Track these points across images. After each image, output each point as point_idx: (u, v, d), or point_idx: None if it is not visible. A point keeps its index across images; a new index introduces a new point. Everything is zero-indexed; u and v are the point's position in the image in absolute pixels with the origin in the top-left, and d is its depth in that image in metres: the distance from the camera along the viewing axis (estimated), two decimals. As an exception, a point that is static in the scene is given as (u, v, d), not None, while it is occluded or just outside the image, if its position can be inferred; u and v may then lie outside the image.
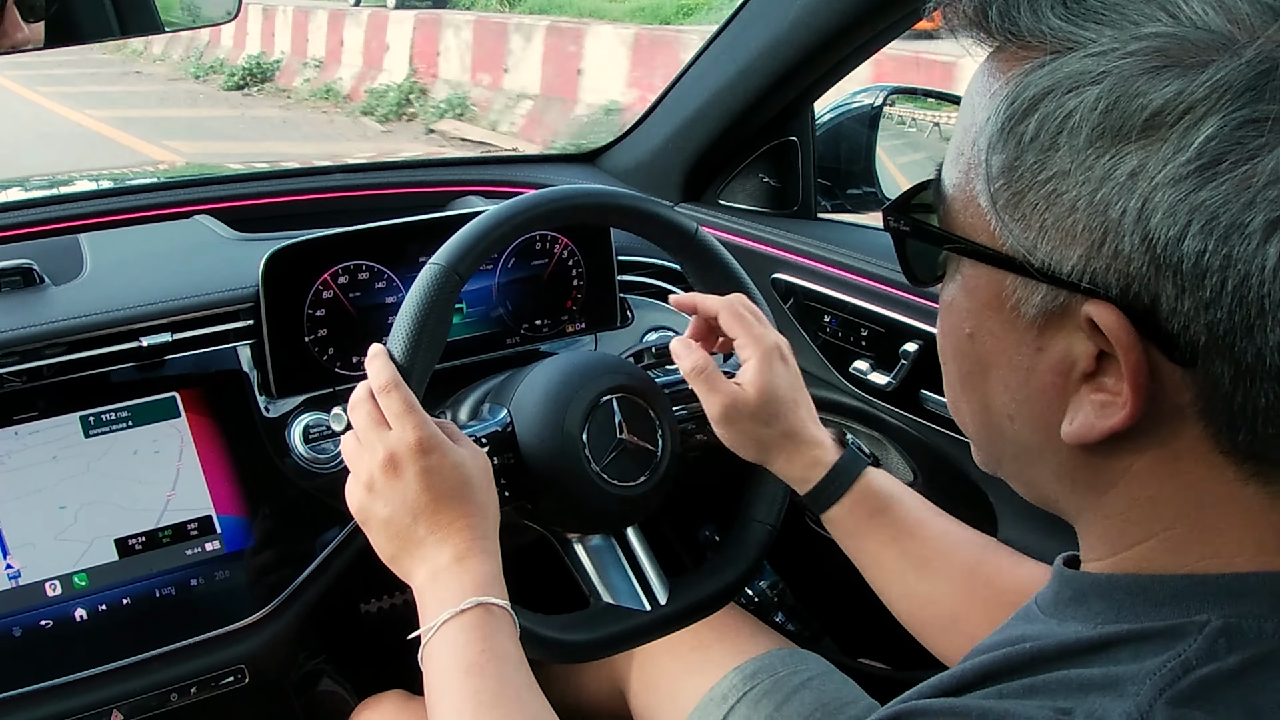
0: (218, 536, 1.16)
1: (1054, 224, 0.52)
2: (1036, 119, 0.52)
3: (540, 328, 1.40)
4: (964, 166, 0.57)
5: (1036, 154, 0.52)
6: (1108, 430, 0.53)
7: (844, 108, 1.64)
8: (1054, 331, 0.54)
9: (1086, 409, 0.54)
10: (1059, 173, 0.51)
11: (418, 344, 0.96)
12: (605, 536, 1.12)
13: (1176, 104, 0.48)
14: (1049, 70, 0.51)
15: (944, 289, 0.63)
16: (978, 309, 0.58)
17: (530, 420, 1.07)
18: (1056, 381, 0.55)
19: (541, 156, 1.90)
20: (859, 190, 1.64)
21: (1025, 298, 0.55)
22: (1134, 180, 0.49)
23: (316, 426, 1.23)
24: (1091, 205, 0.50)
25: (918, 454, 1.40)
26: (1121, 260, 0.50)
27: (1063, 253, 0.52)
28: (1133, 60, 0.49)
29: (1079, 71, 0.50)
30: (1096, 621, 0.57)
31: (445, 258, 1.00)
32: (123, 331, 1.16)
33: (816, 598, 1.71)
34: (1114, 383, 0.53)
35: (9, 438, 1.10)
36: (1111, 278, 0.50)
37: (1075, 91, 0.50)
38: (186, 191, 1.48)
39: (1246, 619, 0.52)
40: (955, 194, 0.58)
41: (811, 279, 1.44)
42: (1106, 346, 0.52)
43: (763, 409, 1.00)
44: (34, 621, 1.07)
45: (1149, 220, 0.48)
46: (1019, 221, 0.53)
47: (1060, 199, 0.51)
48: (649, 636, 1.10)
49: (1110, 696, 0.51)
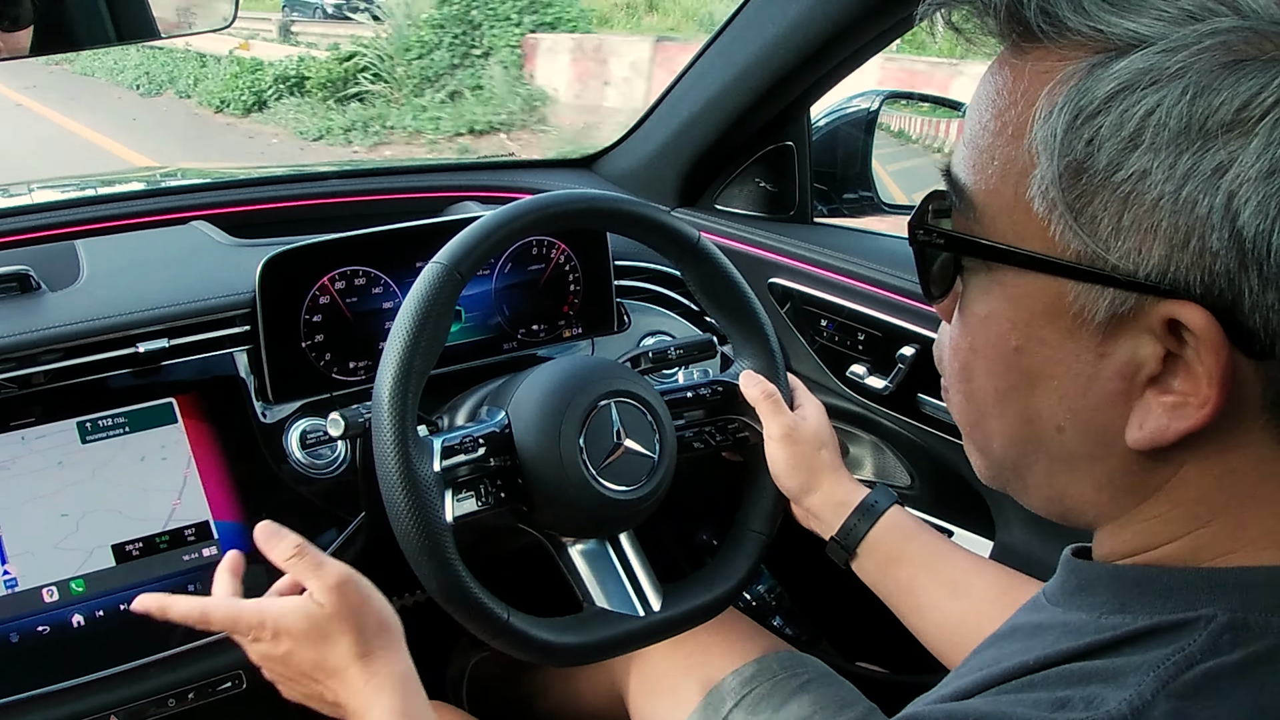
0: (215, 542, 1.16)
1: (1132, 225, 0.50)
2: (1112, 117, 0.50)
3: (537, 332, 1.40)
4: (1002, 171, 0.55)
5: (1111, 154, 0.50)
6: (1183, 432, 0.52)
7: (840, 112, 1.64)
8: (1119, 335, 0.53)
9: (1157, 412, 0.53)
10: (1139, 172, 0.49)
11: (417, 342, 0.97)
12: (600, 541, 1.12)
13: (1262, 99, 0.47)
14: (1121, 67, 0.50)
15: (972, 304, 0.60)
16: (1027, 319, 0.56)
17: (528, 423, 1.07)
18: (1121, 386, 0.54)
19: (538, 162, 1.90)
20: (855, 195, 1.65)
21: (1090, 303, 0.53)
22: (1220, 175, 0.48)
23: (313, 432, 1.23)
24: (1177, 203, 0.49)
25: (915, 458, 1.40)
26: (1208, 257, 0.49)
27: (1141, 254, 0.50)
28: (1209, 55, 0.48)
29: (1155, 67, 0.49)
30: (1101, 611, 0.57)
31: (447, 257, 1.00)
32: (119, 337, 1.16)
33: (814, 601, 1.71)
34: (1181, 383, 0.52)
35: (5, 444, 1.10)
36: (1194, 276, 0.49)
37: (1154, 87, 0.49)
38: (183, 197, 1.48)
39: (1253, 613, 0.52)
40: (991, 200, 0.56)
41: (808, 283, 1.44)
42: (1174, 347, 0.51)
43: (817, 436, 1.16)
44: (31, 627, 1.07)
45: (1238, 215, 0.48)
46: (1087, 224, 0.51)
47: (1140, 198, 0.50)
48: (641, 643, 1.10)
49: (1110, 687, 0.51)
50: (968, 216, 0.58)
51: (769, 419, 1.16)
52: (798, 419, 1.17)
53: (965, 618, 1.01)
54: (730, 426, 1.24)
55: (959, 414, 0.65)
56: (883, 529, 1.09)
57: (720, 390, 1.22)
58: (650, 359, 1.26)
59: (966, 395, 0.63)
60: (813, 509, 1.14)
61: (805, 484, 1.14)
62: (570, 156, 1.85)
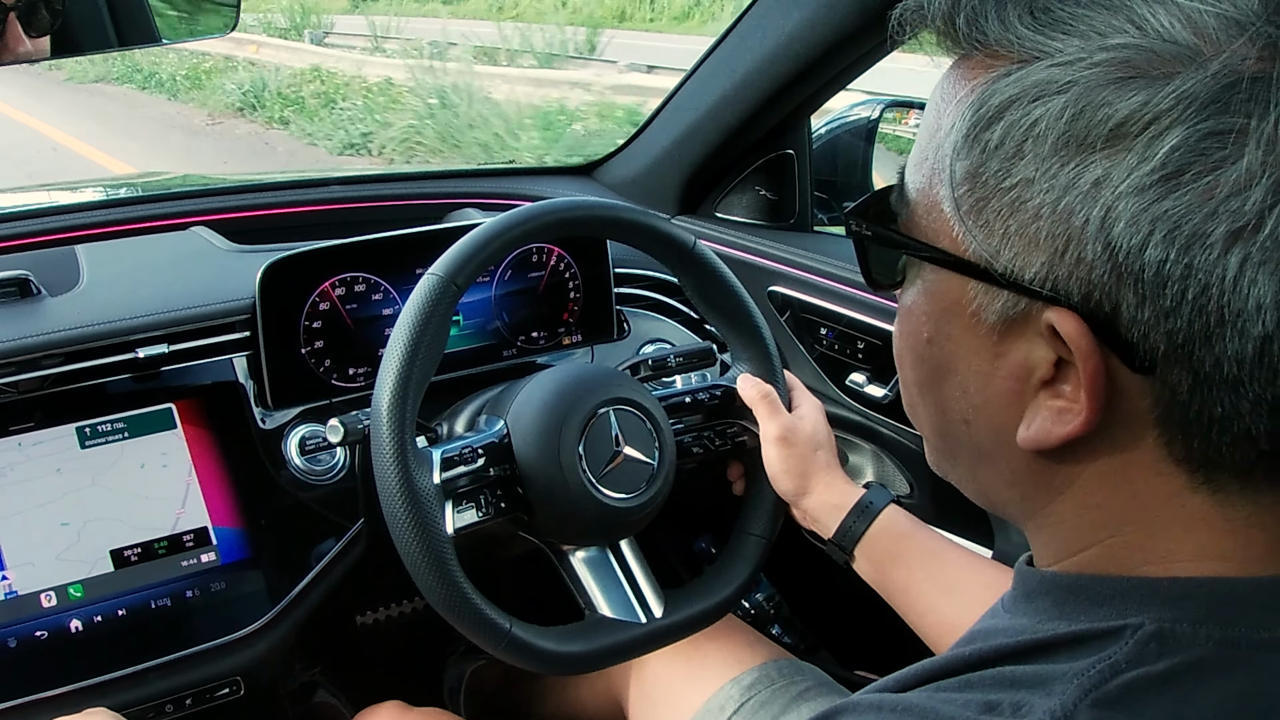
0: (214, 548, 1.16)
1: (1017, 231, 0.52)
2: (1002, 126, 0.52)
3: (537, 340, 1.40)
4: (927, 172, 0.57)
5: (1001, 161, 0.52)
6: (1064, 437, 0.53)
7: (840, 120, 1.65)
8: (1014, 338, 0.55)
9: (1044, 415, 0.54)
10: (1023, 180, 0.51)
11: (415, 353, 0.97)
12: (600, 549, 1.12)
13: (1142, 114, 0.48)
14: (1015, 79, 0.51)
15: (903, 293, 0.63)
16: (937, 314, 0.59)
17: (527, 431, 1.07)
18: (1014, 387, 0.55)
19: (539, 169, 1.90)
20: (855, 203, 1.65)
21: (986, 304, 0.55)
22: (1097, 189, 0.49)
23: (313, 438, 1.23)
24: (1055, 213, 0.50)
25: (915, 467, 1.40)
26: (1083, 268, 0.50)
27: (1025, 259, 0.52)
28: (1099, 70, 0.49)
29: (1045, 80, 0.50)
30: (1041, 618, 0.57)
31: (444, 268, 1.00)
32: (119, 343, 1.16)
33: (813, 610, 1.71)
34: (1072, 390, 0.53)
35: (4, 449, 1.10)
36: (1073, 285, 0.51)
37: (1041, 100, 0.50)
38: (183, 203, 1.48)
39: (1180, 624, 0.52)
40: (918, 199, 0.58)
41: (808, 292, 1.44)
42: (1065, 354, 0.52)
43: (813, 438, 1.17)
44: (29, 633, 1.07)
45: (1112, 229, 0.49)
46: (982, 228, 0.53)
47: (1024, 206, 0.51)
48: (643, 649, 1.10)
49: (1038, 694, 0.51)
50: (902, 213, 0.61)
51: (765, 420, 1.16)
52: (795, 420, 1.17)
53: (962, 616, 1.01)
54: (729, 431, 1.24)
55: (904, 402, 0.68)
56: (879, 529, 1.10)
57: (718, 395, 1.22)
58: (650, 367, 1.26)
59: (901, 383, 0.67)
60: (809, 511, 1.14)
61: (801, 486, 1.14)
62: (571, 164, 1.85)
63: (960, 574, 1.06)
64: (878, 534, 1.10)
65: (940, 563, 1.08)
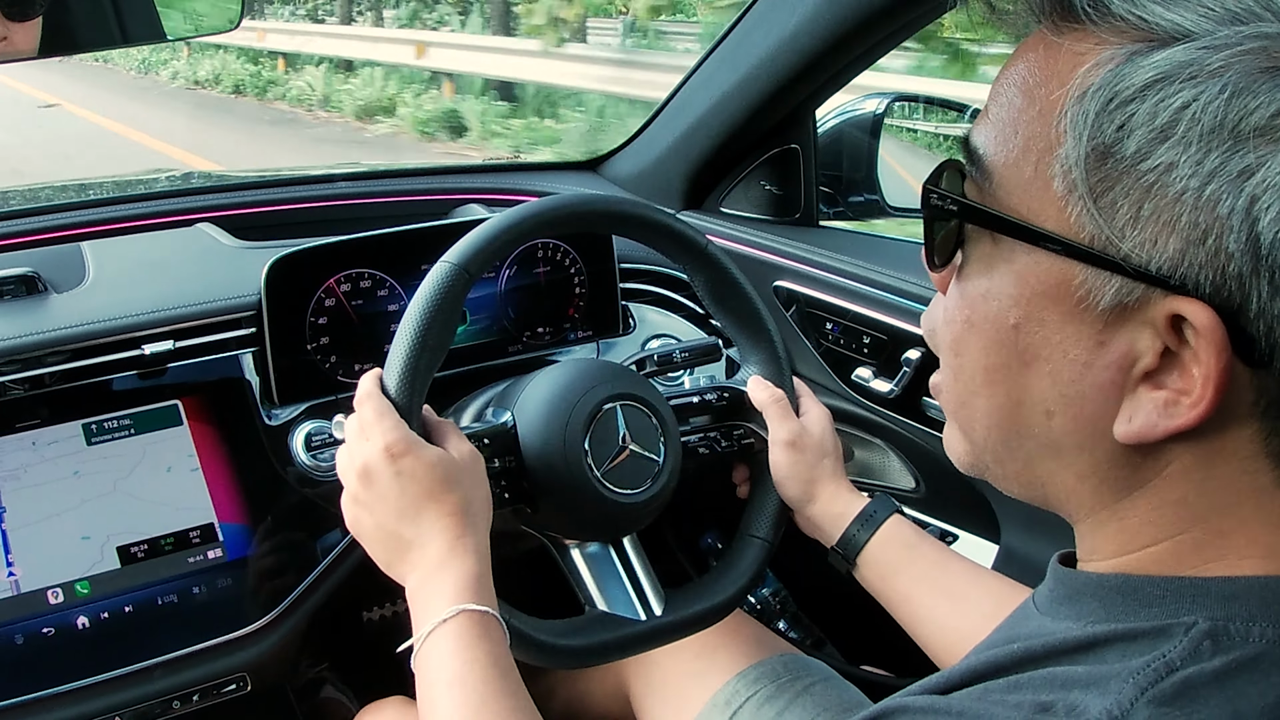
0: (220, 544, 1.16)
1: (1151, 215, 0.50)
2: (1147, 106, 0.50)
3: (543, 335, 1.40)
4: (1024, 145, 0.55)
5: (1140, 142, 0.50)
6: (1172, 430, 0.52)
7: (846, 115, 1.64)
8: (1120, 325, 0.53)
9: (1148, 407, 0.53)
10: (1166, 164, 0.49)
11: (424, 341, 0.97)
12: (603, 545, 1.12)
13: None
14: (1161, 58, 0.50)
15: (974, 277, 0.60)
16: (1030, 297, 0.56)
17: (533, 424, 1.07)
18: (1115, 378, 0.54)
19: (543, 164, 1.90)
20: (861, 198, 1.64)
21: (1096, 289, 0.52)
22: (1246, 178, 0.48)
23: (319, 434, 1.23)
24: (1200, 200, 0.49)
25: (920, 462, 1.40)
26: (1222, 257, 0.49)
27: (1156, 246, 0.50)
28: (1250, 58, 0.48)
29: (1195, 62, 0.49)
30: (1088, 620, 0.57)
31: (457, 256, 1.00)
32: (125, 339, 1.16)
33: (819, 605, 1.71)
34: (1175, 380, 0.52)
35: (11, 445, 1.10)
36: (1205, 274, 0.49)
37: (1193, 82, 0.49)
38: (188, 200, 1.48)
39: (1234, 622, 0.52)
40: (1011, 174, 0.56)
41: (814, 286, 1.44)
42: (1174, 344, 0.51)
43: (821, 445, 1.16)
44: (36, 629, 1.07)
45: (1258, 220, 0.48)
46: (1106, 209, 0.51)
47: (1163, 190, 0.50)
48: (641, 647, 1.10)
49: (1093, 693, 0.50)
50: (982, 188, 0.58)
51: (775, 424, 1.15)
52: (803, 426, 1.16)
53: (963, 627, 1.01)
54: (736, 433, 1.23)
55: (946, 393, 0.65)
56: (882, 540, 1.09)
57: (727, 396, 1.22)
58: (656, 362, 1.26)
59: (955, 371, 0.63)
60: (813, 518, 1.14)
61: (806, 493, 1.14)
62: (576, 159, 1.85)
63: (963, 585, 1.05)
64: (880, 545, 1.09)
65: (944, 574, 1.06)
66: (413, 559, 0.91)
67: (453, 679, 0.84)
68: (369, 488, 0.92)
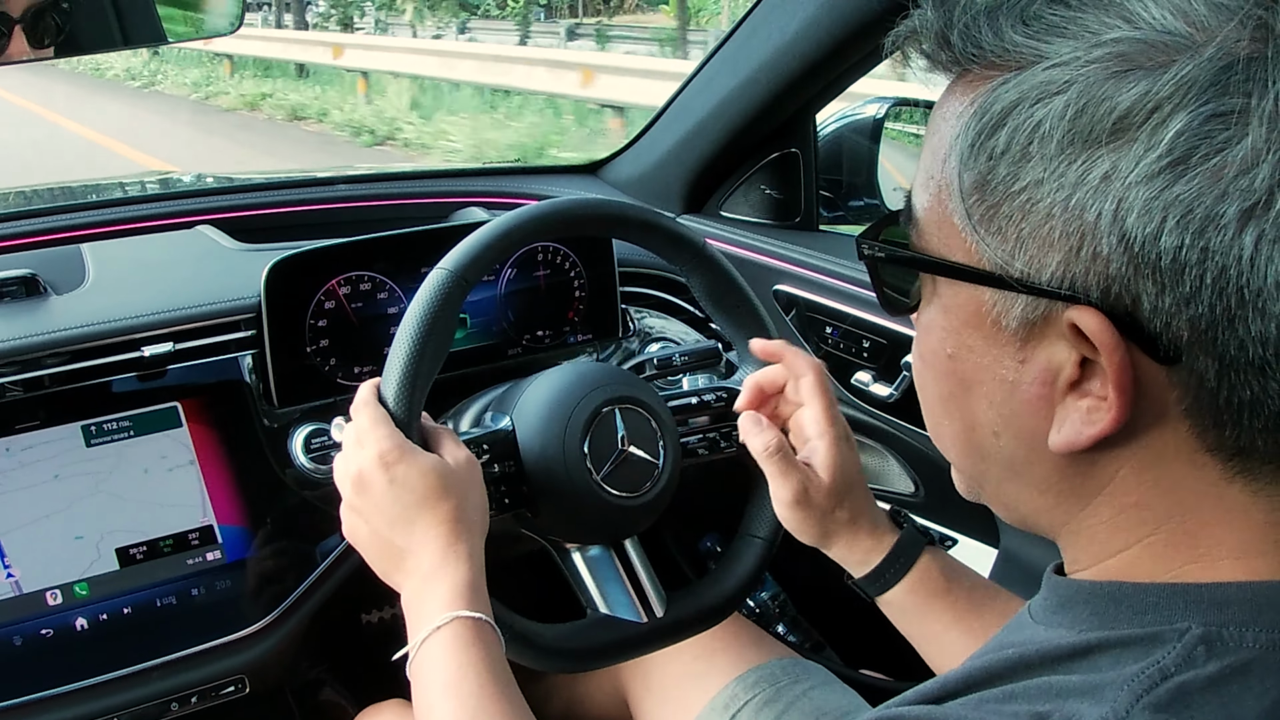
0: (219, 546, 1.16)
1: (1030, 234, 0.52)
2: (1006, 132, 0.52)
3: (542, 338, 1.40)
4: (934, 189, 0.58)
5: (1008, 166, 0.52)
6: (1095, 436, 0.53)
7: (846, 119, 1.64)
8: (1036, 342, 0.55)
9: (1073, 416, 0.54)
10: (1032, 182, 0.52)
11: (422, 350, 0.96)
12: (603, 547, 1.12)
13: (1144, 104, 0.48)
14: (1015, 84, 0.52)
15: (920, 314, 0.63)
16: (957, 327, 0.59)
17: (532, 428, 1.07)
18: (1042, 392, 0.56)
19: (544, 168, 1.90)
20: (861, 202, 1.65)
21: (1005, 310, 0.55)
22: (1107, 182, 0.49)
23: (318, 436, 1.23)
24: (1067, 211, 0.51)
25: (920, 465, 1.40)
26: (1100, 262, 0.50)
27: (1041, 261, 0.52)
28: (1096, 66, 0.50)
29: (1044, 82, 0.51)
30: (1081, 628, 0.57)
31: (453, 263, 1.00)
32: (124, 341, 1.16)
33: (818, 609, 1.71)
34: (1099, 388, 0.53)
35: (10, 447, 1.10)
36: (1091, 281, 0.51)
37: (1042, 101, 0.51)
38: (188, 202, 1.48)
39: (1227, 627, 0.52)
40: (928, 216, 0.59)
41: (813, 290, 1.44)
42: (1089, 352, 0.52)
43: (833, 495, 0.99)
44: (35, 630, 1.07)
45: (1125, 220, 0.49)
46: (995, 235, 0.54)
47: (1035, 208, 0.52)
48: (643, 649, 1.10)
49: (1088, 702, 0.51)
50: (912, 234, 0.61)
51: (776, 481, 0.99)
52: (809, 477, 0.99)
53: None
54: (734, 434, 1.23)
55: (927, 424, 0.67)
56: (910, 585, 0.99)
57: (725, 397, 1.22)
58: (655, 365, 1.26)
59: (923, 404, 0.66)
60: (834, 556, 1.04)
61: (822, 542, 1.01)
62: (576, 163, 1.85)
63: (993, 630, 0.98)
64: (908, 590, 0.99)
65: (978, 618, 0.97)
66: (407, 567, 0.91)
67: (447, 685, 0.84)
68: (364, 496, 0.92)
